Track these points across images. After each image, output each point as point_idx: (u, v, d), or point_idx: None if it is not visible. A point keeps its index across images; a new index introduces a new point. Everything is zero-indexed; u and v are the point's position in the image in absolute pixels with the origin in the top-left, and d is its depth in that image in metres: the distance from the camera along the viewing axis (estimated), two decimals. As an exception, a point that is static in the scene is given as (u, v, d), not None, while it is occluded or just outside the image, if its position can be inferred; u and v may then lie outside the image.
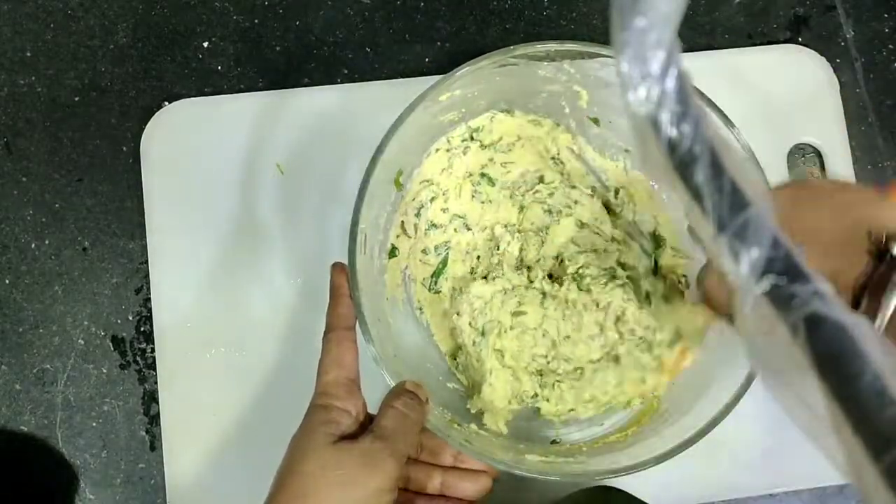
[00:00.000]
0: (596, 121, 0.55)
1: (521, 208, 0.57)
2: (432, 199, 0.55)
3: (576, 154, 0.57)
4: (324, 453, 0.41)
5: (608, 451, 0.51)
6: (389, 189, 0.53)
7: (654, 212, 0.56)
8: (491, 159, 0.56)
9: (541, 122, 0.55)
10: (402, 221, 0.55)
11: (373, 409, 0.46)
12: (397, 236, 0.55)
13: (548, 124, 0.56)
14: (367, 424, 0.44)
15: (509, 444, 0.51)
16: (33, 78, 0.62)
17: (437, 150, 0.54)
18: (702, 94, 0.48)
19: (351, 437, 0.42)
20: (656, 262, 0.55)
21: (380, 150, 0.47)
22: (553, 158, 0.57)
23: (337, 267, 0.48)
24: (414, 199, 0.55)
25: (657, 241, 0.56)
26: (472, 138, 0.55)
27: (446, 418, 0.49)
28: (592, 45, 0.48)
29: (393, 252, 0.54)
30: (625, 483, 0.56)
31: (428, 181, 0.55)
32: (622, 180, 0.57)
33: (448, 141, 0.54)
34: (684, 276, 0.55)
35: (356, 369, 0.46)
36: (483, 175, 0.56)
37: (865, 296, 0.32)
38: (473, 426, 0.51)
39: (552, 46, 0.49)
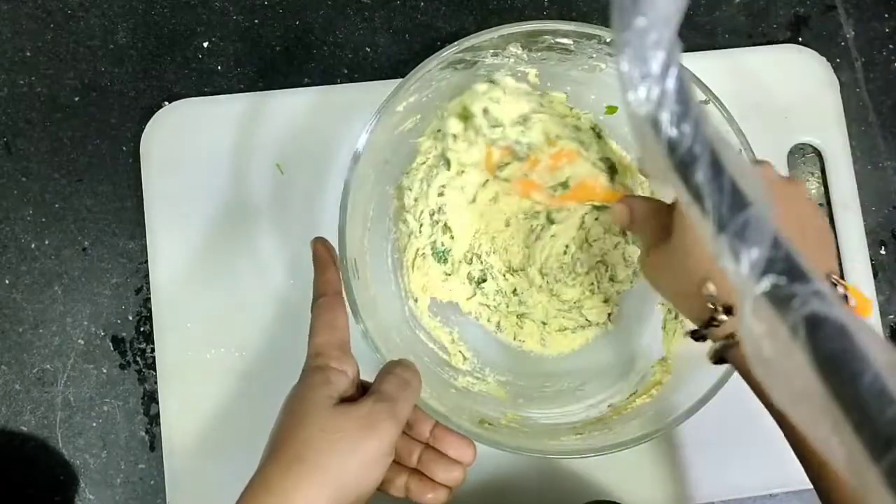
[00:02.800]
0: None
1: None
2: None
3: None
4: (324, 415, 0.40)
5: (637, 415, 0.51)
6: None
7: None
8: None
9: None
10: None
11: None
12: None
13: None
14: (361, 390, 0.44)
15: (541, 430, 0.52)
16: (33, 78, 0.62)
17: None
18: (706, 89, 0.49)
19: (349, 399, 0.41)
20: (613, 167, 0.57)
21: (351, 171, 0.48)
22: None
23: (317, 241, 0.48)
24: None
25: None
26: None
27: (476, 420, 0.49)
28: (534, 23, 0.50)
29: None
30: (625, 485, 0.56)
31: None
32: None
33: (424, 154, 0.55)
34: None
35: (348, 333, 0.45)
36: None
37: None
38: (504, 422, 0.51)
39: (497, 33, 0.49)
